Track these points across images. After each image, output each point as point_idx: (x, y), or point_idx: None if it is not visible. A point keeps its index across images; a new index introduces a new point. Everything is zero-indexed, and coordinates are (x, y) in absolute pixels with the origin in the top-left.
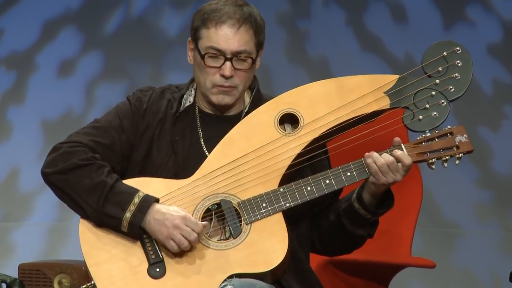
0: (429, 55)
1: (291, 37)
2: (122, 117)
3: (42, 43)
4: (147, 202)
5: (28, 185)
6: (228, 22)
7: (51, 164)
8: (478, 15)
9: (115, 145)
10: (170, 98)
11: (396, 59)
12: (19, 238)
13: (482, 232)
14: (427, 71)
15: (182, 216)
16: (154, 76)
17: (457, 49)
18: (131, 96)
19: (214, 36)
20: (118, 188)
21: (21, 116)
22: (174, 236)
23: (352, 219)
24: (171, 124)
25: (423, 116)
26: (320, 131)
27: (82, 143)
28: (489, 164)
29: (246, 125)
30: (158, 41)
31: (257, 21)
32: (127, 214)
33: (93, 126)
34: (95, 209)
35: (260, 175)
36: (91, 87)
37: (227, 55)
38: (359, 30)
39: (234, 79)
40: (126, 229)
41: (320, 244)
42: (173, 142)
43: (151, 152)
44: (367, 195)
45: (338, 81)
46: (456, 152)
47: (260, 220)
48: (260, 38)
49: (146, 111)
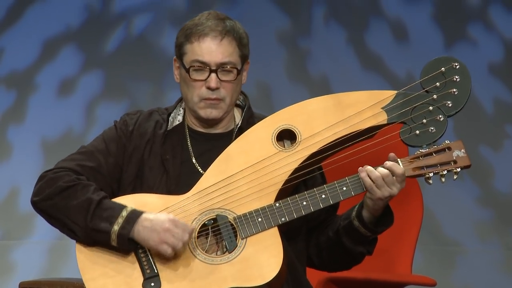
0: (427, 71)
1: (292, 55)
2: (108, 142)
3: (42, 62)
4: (134, 214)
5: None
6: (210, 34)
7: (38, 192)
8: (480, 34)
9: (101, 167)
10: (159, 119)
11: (397, 78)
12: (20, 256)
13: (483, 250)
14: (425, 87)
15: (171, 219)
16: (155, 95)
17: (455, 64)
18: (118, 121)
19: (198, 49)
20: (106, 204)
21: (21, 136)
22: (166, 239)
23: (352, 237)
24: (160, 143)
25: (420, 131)
26: (318, 147)
27: (66, 168)
28: (490, 183)
29: (243, 141)
30: (159, 59)
31: (240, 34)
32: (115, 227)
33: (79, 152)
34: (83, 226)
35: (256, 190)
36: (91, 106)
37: (211, 67)
38: (360, 49)
39: (221, 91)
40: (115, 243)
41: (319, 260)
42: (164, 160)
43: (143, 172)
44: (366, 213)
45: (336, 97)
46: (454, 167)
47: (256, 234)
48: (244, 51)
49: (132, 132)
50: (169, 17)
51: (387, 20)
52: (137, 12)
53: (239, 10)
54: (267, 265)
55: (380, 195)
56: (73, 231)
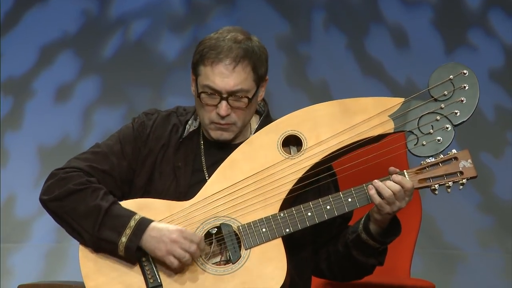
0: (436, 78)
1: (292, 61)
2: (124, 143)
3: (39, 68)
4: (143, 224)
5: (25, 211)
6: (224, 61)
7: (48, 191)
8: (480, 40)
9: (114, 170)
10: (176, 122)
11: (397, 84)
12: (18, 260)
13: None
14: (433, 95)
15: (179, 230)
16: (153, 100)
17: (464, 72)
18: (135, 119)
19: (211, 75)
20: (114, 211)
21: (17, 142)
22: (173, 251)
23: (361, 250)
24: (174, 150)
25: (427, 141)
26: (323, 155)
27: (78, 168)
28: (491, 190)
29: (249, 147)
30: (157, 65)
31: (256, 56)
32: (123, 238)
33: (92, 151)
34: (91, 234)
35: (260, 199)
36: (88, 112)
37: (222, 95)
38: (360, 55)
39: (231, 117)
40: (122, 253)
41: (331, 274)
42: (176, 168)
43: (153, 177)
44: (374, 226)
45: (343, 103)
46: (460, 178)
47: (260, 245)
48: (261, 72)
49: (149, 136)
50: (167, 22)
51: (387, 26)
52: (135, 17)
53: (238, 15)
54: (271, 278)
55: (389, 211)
56: (81, 235)
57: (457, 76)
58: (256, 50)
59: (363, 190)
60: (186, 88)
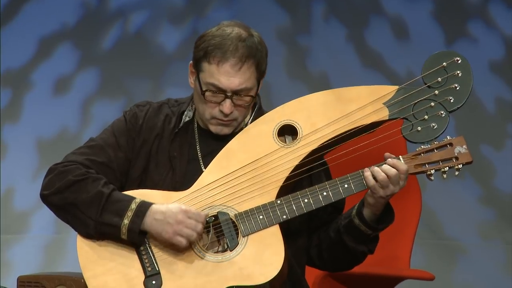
0: (429, 66)
1: (291, 52)
2: (118, 135)
3: (37, 60)
4: (144, 207)
5: (24, 203)
6: (230, 61)
7: (48, 185)
8: (480, 31)
9: (111, 162)
10: (168, 113)
11: (397, 75)
12: (18, 251)
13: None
14: (427, 82)
15: (183, 210)
16: (152, 92)
17: (457, 59)
18: (127, 112)
19: (216, 73)
20: (115, 196)
21: (16, 135)
22: (180, 231)
23: (353, 235)
24: (169, 140)
25: (421, 127)
26: (318, 143)
27: (76, 162)
28: (491, 182)
29: (244, 137)
30: (156, 56)
31: (259, 53)
32: (125, 220)
33: (88, 146)
34: (94, 220)
35: (257, 187)
36: (87, 104)
37: (227, 93)
38: (360, 46)
39: (234, 113)
40: (125, 236)
41: (320, 261)
42: (171, 158)
43: (149, 167)
44: (367, 211)
45: (337, 92)
46: (455, 163)
47: (257, 232)
48: (262, 69)
49: (142, 126)
50: (167, 14)
51: (387, 18)
52: (134, 9)
53: (238, 7)
54: (269, 264)
55: (383, 194)
56: (85, 223)
57: (450, 63)
58: (259, 48)
59: (360, 176)
60: (185, 80)
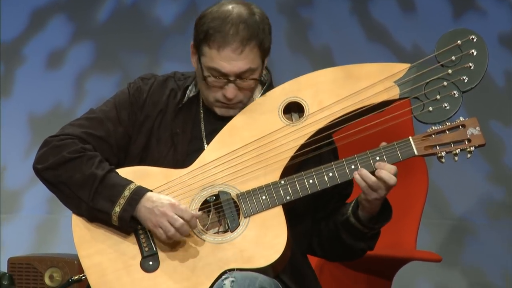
0: (443, 44)
1: (293, 25)
2: (120, 108)
3: (30, 33)
4: (137, 195)
5: (15, 181)
6: (231, 45)
7: (42, 159)
8: (489, 3)
9: (110, 137)
10: (174, 87)
11: (403, 50)
12: (8, 231)
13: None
14: (440, 60)
15: (171, 204)
16: (149, 66)
17: (472, 37)
18: (131, 84)
19: (217, 58)
20: (109, 180)
21: (7, 110)
22: (161, 223)
23: (351, 233)
24: (172, 116)
25: (433, 107)
26: (325, 122)
27: (73, 135)
28: (500, 159)
29: (249, 114)
30: (153, 29)
31: (261, 32)
32: (116, 208)
33: (87, 117)
34: (87, 203)
35: (261, 166)
36: (81, 79)
37: (230, 78)
38: (365, 19)
39: (238, 96)
40: (116, 223)
41: (322, 251)
42: (174, 135)
43: (150, 144)
44: (363, 212)
45: (346, 69)
46: (468, 145)
47: (259, 213)
48: (266, 46)
49: (145, 101)
50: None
51: None
52: None
53: None
54: (271, 246)
55: (376, 196)
56: (77, 204)
57: (465, 41)
58: (261, 26)
59: (367, 157)
60: (183, 54)
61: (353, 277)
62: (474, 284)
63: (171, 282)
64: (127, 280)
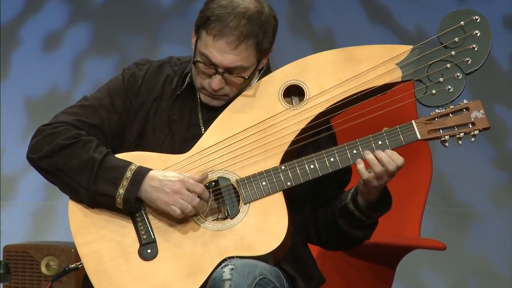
0: (446, 24)
1: (294, 7)
2: (114, 95)
3: (26, 15)
4: (140, 174)
5: (12, 166)
6: (227, 37)
7: (36, 148)
8: None
9: (104, 124)
10: (170, 73)
11: (406, 32)
12: (4, 219)
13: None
14: (443, 42)
15: (181, 180)
16: (147, 49)
17: (475, 18)
18: (125, 70)
19: (211, 46)
20: (108, 162)
21: (3, 93)
22: (175, 201)
23: (348, 220)
24: (169, 102)
25: (436, 90)
26: (327, 105)
27: (66, 123)
28: (505, 144)
29: (248, 98)
30: (151, 11)
31: (263, 33)
32: (120, 190)
33: (81, 105)
34: (87, 188)
35: (261, 151)
36: (78, 62)
37: (218, 69)
38: (367, 1)
39: (225, 89)
40: (121, 206)
41: (318, 240)
42: (171, 121)
43: (146, 131)
44: (362, 199)
45: (347, 51)
46: (472, 129)
47: (259, 199)
48: (265, 47)
49: (140, 87)
50: None
51: None
52: None
53: None
54: (272, 233)
55: (376, 184)
56: (77, 191)
57: (468, 22)
58: (264, 26)
59: (369, 141)
60: (182, 36)
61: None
62: (479, 272)
63: (170, 270)
64: (125, 268)
